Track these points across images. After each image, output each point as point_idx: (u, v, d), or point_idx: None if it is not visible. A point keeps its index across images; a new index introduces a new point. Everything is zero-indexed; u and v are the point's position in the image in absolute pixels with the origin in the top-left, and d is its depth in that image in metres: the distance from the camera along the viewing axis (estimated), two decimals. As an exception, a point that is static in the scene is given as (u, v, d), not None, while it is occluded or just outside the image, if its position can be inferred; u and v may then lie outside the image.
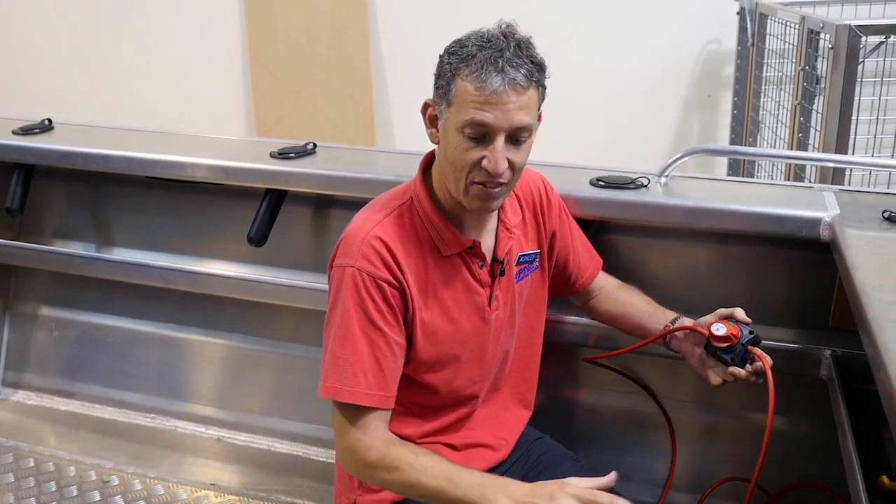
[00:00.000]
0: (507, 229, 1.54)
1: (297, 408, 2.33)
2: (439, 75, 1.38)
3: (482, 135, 1.33)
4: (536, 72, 1.34)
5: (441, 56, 1.39)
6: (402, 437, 1.54)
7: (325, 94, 4.30)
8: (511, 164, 1.36)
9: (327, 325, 1.44)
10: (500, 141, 1.33)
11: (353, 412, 1.39)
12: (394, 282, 1.40)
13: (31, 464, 2.26)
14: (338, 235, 1.48)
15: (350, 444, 1.39)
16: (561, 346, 1.95)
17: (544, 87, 1.38)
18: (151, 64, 4.59)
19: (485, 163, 1.34)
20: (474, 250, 1.48)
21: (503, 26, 1.36)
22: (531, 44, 1.36)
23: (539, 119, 1.43)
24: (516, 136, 1.35)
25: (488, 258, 1.52)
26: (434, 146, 1.47)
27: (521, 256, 1.57)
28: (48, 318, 2.62)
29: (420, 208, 1.46)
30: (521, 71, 1.31)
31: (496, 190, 1.38)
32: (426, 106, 1.44)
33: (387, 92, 4.36)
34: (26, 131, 2.44)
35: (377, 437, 1.39)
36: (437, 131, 1.41)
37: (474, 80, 1.31)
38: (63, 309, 2.61)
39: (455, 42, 1.37)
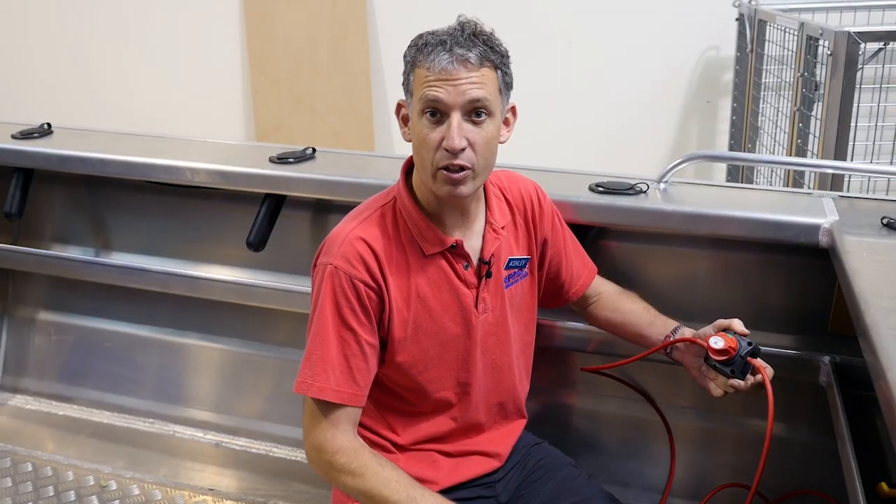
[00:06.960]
0: (494, 230, 1.53)
1: (295, 412, 2.29)
2: (403, 72, 1.43)
3: (438, 113, 1.36)
4: (492, 54, 1.37)
5: (404, 55, 1.43)
6: (395, 445, 1.55)
7: (325, 100, 4.30)
8: (471, 144, 1.37)
9: (309, 322, 1.47)
10: (456, 118, 1.35)
11: (323, 409, 1.42)
12: (371, 282, 1.42)
13: (29, 468, 2.26)
14: (337, 240, 1.48)
15: (319, 442, 1.42)
16: (559, 351, 1.94)
17: (505, 73, 1.40)
18: (151, 70, 4.59)
19: (444, 142, 1.36)
20: (457, 250, 1.48)
21: (462, 20, 1.40)
22: (493, 35, 1.40)
23: (514, 113, 1.47)
24: (474, 113, 1.37)
25: (474, 259, 1.51)
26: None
27: (510, 261, 1.56)
28: (46, 323, 2.62)
29: (402, 207, 1.48)
30: (473, 51, 1.35)
31: (460, 175, 1.38)
32: (399, 107, 1.48)
33: (386, 99, 4.36)
34: (25, 135, 2.44)
35: (346, 440, 1.41)
36: (409, 129, 1.44)
37: (426, 62, 1.35)
38: (61, 313, 2.60)
39: (414, 37, 1.42)
